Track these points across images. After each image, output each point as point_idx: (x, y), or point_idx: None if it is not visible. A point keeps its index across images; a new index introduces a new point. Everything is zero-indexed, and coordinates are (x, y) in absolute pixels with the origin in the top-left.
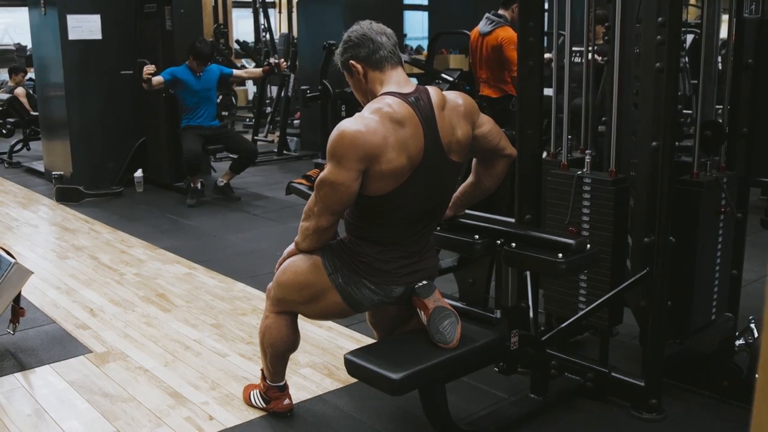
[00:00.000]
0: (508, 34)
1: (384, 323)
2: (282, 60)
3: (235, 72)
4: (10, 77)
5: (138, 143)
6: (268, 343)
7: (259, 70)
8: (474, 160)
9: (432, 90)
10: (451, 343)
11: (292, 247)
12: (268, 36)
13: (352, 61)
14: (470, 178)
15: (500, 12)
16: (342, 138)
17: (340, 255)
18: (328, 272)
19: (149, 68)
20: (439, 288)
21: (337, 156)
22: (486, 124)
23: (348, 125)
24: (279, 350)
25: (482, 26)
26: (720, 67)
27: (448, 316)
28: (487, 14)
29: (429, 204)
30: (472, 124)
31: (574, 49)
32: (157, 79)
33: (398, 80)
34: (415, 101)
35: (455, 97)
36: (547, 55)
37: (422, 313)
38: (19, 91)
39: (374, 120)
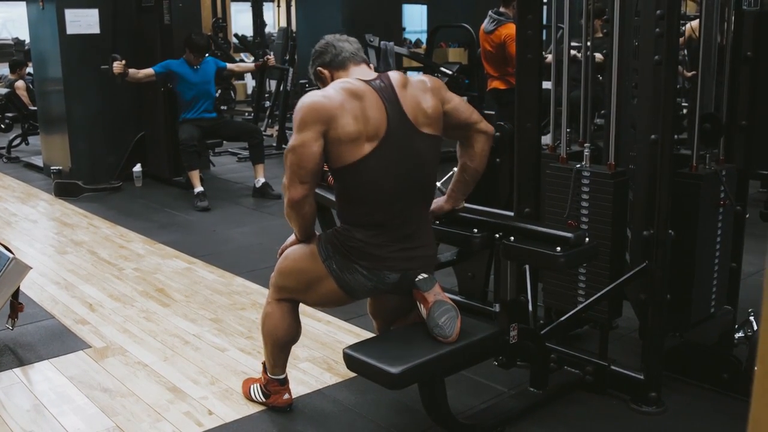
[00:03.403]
0: (511, 31)
1: (383, 314)
2: (268, 57)
3: (229, 65)
4: (13, 72)
5: (137, 138)
6: (267, 330)
7: (252, 65)
8: (457, 145)
9: (393, 73)
10: (450, 337)
11: (293, 237)
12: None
13: (319, 68)
14: (457, 166)
15: (501, 10)
16: (302, 107)
17: (332, 241)
18: (322, 258)
19: (118, 65)
20: (439, 282)
21: (299, 123)
22: (454, 99)
23: (308, 96)
24: (279, 338)
25: (486, 24)
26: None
27: (448, 310)
28: (490, 12)
29: (407, 179)
30: (440, 99)
31: (573, 44)
32: (145, 72)
33: (362, 73)
34: (376, 83)
35: (420, 77)
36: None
37: (422, 306)
38: (20, 83)
39: (333, 90)
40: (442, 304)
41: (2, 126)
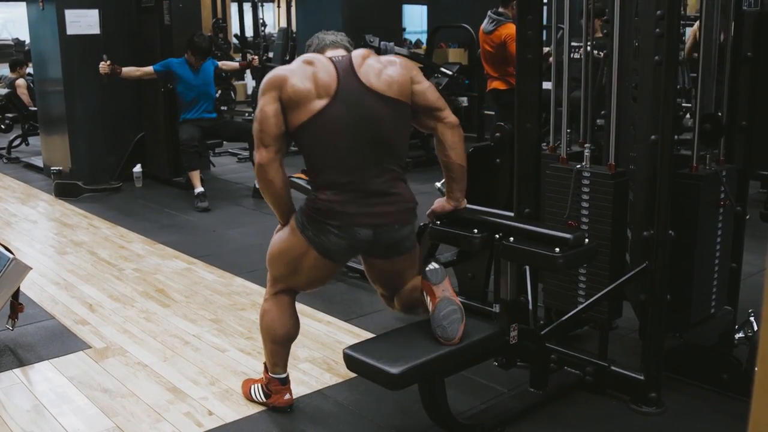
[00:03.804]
0: (510, 31)
1: (379, 279)
2: (254, 57)
3: (219, 63)
4: (13, 70)
5: (137, 138)
6: (266, 327)
7: (237, 64)
8: (435, 144)
9: (357, 50)
10: (452, 340)
11: (279, 226)
12: (257, 30)
13: None
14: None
15: (500, 10)
16: (263, 81)
17: (304, 210)
18: (300, 230)
19: (103, 65)
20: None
21: (259, 96)
22: (424, 82)
23: (269, 72)
24: (277, 334)
25: (485, 25)
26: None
27: (455, 311)
28: (489, 12)
29: (362, 135)
30: (410, 76)
31: (573, 44)
32: (144, 70)
33: (334, 54)
34: (337, 58)
35: (390, 57)
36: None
37: (429, 299)
38: (20, 82)
39: (291, 64)
40: (450, 303)
41: (2, 126)
